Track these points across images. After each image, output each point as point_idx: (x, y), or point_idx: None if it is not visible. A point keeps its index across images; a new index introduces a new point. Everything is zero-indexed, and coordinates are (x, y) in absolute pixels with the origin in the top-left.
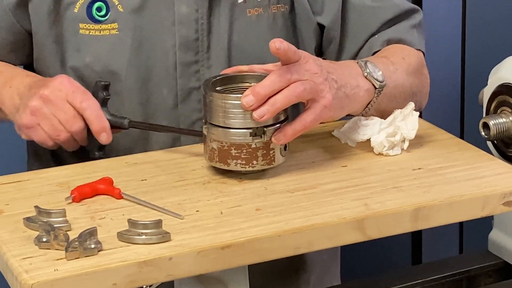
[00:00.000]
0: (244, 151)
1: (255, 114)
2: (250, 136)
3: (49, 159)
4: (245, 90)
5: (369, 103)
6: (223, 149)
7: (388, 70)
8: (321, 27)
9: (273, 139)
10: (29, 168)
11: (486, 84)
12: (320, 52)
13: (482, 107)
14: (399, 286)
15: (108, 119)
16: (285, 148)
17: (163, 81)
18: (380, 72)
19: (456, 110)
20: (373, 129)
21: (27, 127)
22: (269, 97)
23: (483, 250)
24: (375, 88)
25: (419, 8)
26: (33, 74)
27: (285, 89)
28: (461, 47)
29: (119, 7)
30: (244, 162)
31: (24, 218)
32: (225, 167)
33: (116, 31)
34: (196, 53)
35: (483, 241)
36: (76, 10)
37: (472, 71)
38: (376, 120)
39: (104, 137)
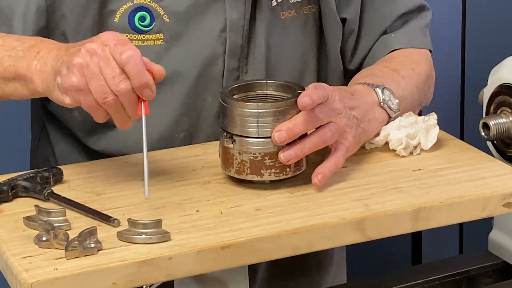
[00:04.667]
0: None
1: (283, 156)
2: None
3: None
4: (264, 98)
5: None
6: (256, 160)
7: (400, 87)
8: (342, 21)
9: (316, 181)
10: (31, 168)
11: (486, 84)
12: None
13: (482, 107)
14: (399, 286)
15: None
16: None
17: (208, 88)
18: (397, 101)
19: (456, 110)
20: (392, 125)
21: (77, 90)
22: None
23: (483, 250)
24: (389, 117)
25: (428, 5)
26: (54, 42)
27: (314, 135)
28: (461, 48)
29: (165, 17)
30: (278, 171)
31: (24, 217)
32: (258, 178)
33: (162, 41)
34: (238, 59)
35: (483, 241)
36: (116, 20)
37: (472, 71)
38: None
39: (148, 93)
